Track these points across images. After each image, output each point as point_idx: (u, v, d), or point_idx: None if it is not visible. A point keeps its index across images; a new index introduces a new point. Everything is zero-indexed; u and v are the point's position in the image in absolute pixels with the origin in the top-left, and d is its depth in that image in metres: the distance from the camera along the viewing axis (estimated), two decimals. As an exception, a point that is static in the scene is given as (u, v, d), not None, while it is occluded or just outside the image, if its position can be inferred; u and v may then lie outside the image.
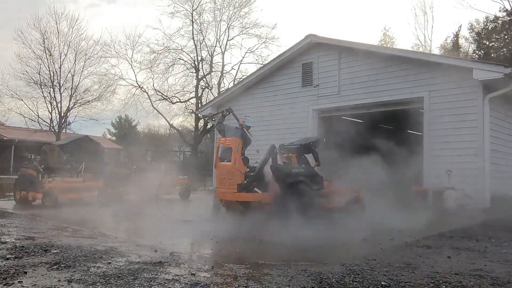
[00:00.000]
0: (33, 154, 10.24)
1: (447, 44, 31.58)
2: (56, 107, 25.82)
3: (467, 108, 9.03)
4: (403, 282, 3.14)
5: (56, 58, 25.65)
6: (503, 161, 9.59)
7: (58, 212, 7.84)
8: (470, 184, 8.72)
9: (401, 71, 10.09)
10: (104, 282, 3.04)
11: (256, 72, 13.29)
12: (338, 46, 11.19)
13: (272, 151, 6.31)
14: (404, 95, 10.01)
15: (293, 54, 12.02)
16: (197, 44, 27.23)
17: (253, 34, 27.79)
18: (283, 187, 6.04)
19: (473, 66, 8.86)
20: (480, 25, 30.48)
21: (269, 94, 12.69)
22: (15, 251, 4.12)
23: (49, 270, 3.38)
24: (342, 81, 11.10)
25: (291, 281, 3.12)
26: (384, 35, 33.55)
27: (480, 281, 3.23)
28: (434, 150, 9.45)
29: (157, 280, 3.11)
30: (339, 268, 3.54)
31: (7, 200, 10.60)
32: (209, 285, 3.05)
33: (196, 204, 10.36)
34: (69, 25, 26.45)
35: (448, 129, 9.24)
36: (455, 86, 9.21)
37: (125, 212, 8.02)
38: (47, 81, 25.39)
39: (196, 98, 27.75)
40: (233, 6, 27.35)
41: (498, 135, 9.39)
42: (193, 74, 27.91)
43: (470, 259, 4.06)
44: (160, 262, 3.70)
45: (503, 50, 29.44)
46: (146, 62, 27.94)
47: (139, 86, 27.93)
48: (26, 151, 22.52)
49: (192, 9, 26.95)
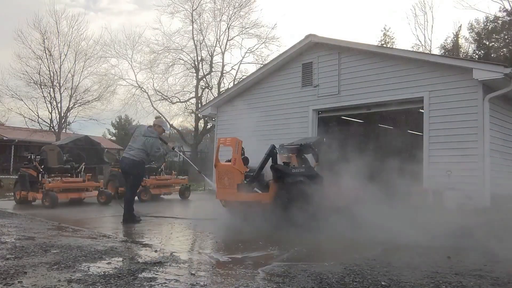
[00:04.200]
0: (33, 154, 10.20)
1: (447, 44, 31.58)
2: (56, 107, 25.85)
3: (467, 108, 9.03)
4: (403, 282, 3.14)
5: (56, 58, 25.68)
6: (503, 161, 9.59)
7: (58, 212, 7.84)
8: (470, 184, 8.72)
9: (401, 71, 10.09)
10: (104, 282, 3.04)
11: (256, 72, 13.29)
12: (338, 46, 11.19)
13: (272, 151, 6.31)
14: (404, 95, 10.01)
15: (293, 54, 12.02)
16: (197, 44, 27.24)
17: (253, 34, 27.81)
18: (283, 187, 6.04)
19: (473, 66, 8.86)
20: (480, 25, 30.49)
21: (269, 94, 12.69)
22: (15, 251, 4.12)
23: (49, 270, 3.38)
24: (342, 81, 11.10)
25: (291, 281, 3.12)
26: (384, 35, 33.54)
27: (480, 281, 3.23)
28: (434, 150, 9.45)
29: (157, 280, 3.11)
30: (339, 268, 3.54)
31: (7, 200, 10.60)
32: (209, 285, 3.05)
33: (197, 204, 10.38)
34: (69, 25, 26.50)
35: (448, 129, 9.24)
36: (455, 86, 9.22)
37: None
38: (47, 81, 25.42)
39: (196, 98, 27.75)
40: (233, 6, 27.37)
41: (498, 135, 9.38)
42: (193, 74, 27.92)
43: (470, 259, 4.06)
44: (160, 262, 3.70)
45: (503, 50, 29.43)
46: (146, 62, 27.97)
47: (139, 86, 27.94)
48: (26, 151, 22.48)
49: (192, 9, 26.97)
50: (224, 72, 28.44)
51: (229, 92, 13.89)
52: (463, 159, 8.95)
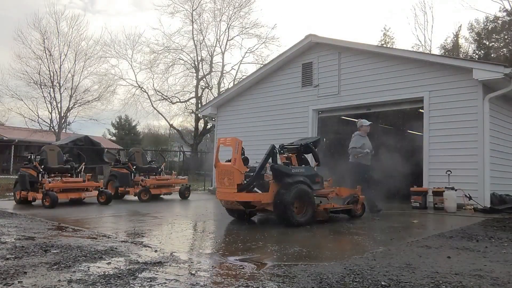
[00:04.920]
0: (33, 154, 10.20)
1: (447, 44, 31.61)
2: (56, 107, 25.88)
3: (467, 108, 9.04)
4: (403, 282, 3.14)
5: (56, 58, 25.72)
6: (503, 161, 9.59)
7: (58, 212, 7.84)
8: (470, 184, 8.73)
9: (401, 71, 10.10)
10: (104, 282, 3.04)
11: (256, 72, 13.29)
12: (338, 46, 11.20)
13: (272, 151, 6.31)
14: (404, 95, 10.02)
15: (293, 54, 12.02)
16: (197, 44, 27.27)
17: (253, 34, 27.86)
18: (283, 187, 6.05)
19: (473, 66, 8.87)
20: (480, 25, 30.51)
21: (269, 94, 12.70)
22: (15, 251, 4.12)
23: (49, 270, 3.38)
24: (342, 81, 11.11)
25: (291, 281, 3.12)
26: (384, 35, 33.59)
27: (480, 281, 3.23)
28: (434, 150, 9.45)
29: (157, 280, 3.11)
30: (339, 268, 3.54)
31: (7, 200, 10.60)
32: (209, 285, 3.05)
33: (197, 204, 10.37)
34: (69, 25, 26.49)
35: (448, 129, 9.25)
36: (455, 86, 9.22)
37: (125, 212, 8.02)
38: (47, 81, 25.45)
39: (196, 98, 27.77)
40: (233, 6, 27.42)
41: (498, 135, 9.39)
42: (193, 74, 27.95)
43: (470, 259, 4.06)
44: (160, 262, 3.70)
45: (503, 50, 29.45)
46: (146, 62, 28.04)
47: (139, 86, 27.98)
48: (26, 151, 22.49)
49: (192, 9, 27.01)
50: (224, 72, 28.50)
51: (229, 92, 13.89)
52: (463, 159, 8.96)
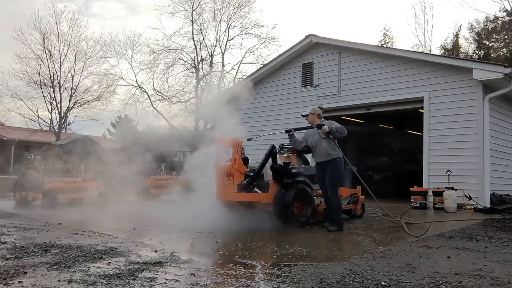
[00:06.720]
0: (33, 154, 10.20)
1: (447, 44, 31.63)
2: (56, 107, 25.84)
3: (467, 108, 9.04)
4: (403, 282, 3.14)
5: (56, 58, 25.68)
6: (503, 161, 9.59)
7: (58, 212, 7.83)
8: (470, 184, 8.73)
9: (401, 71, 10.10)
10: (104, 282, 3.04)
11: (256, 72, 13.30)
12: (338, 46, 11.20)
13: (272, 151, 6.31)
14: (404, 95, 10.02)
15: (293, 54, 12.03)
16: (197, 44, 27.25)
17: (253, 34, 27.83)
18: (283, 187, 6.04)
19: (473, 66, 8.87)
20: (480, 25, 30.53)
21: (269, 94, 12.70)
22: (15, 251, 4.12)
23: (49, 270, 3.38)
24: (342, 81, 11.11)
25: (291, 281, 3.12)
26: (384, 35, 33.63)
27: (480, 281, 3.23)
28: (434, 150, 9.46)
29: (157, 280, 3.11)
30: (339, 268, 3.54)
31: (7, 200, 10.59)
32: (209, 285, 3.05)
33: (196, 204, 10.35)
34: (69, 25, 26.50)
35: (448, 129, 9.25)
36: (455, 86, 9.23)
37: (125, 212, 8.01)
38: (47, 81, 25.42)
39: (196, 98, 27.75)
40: (233, 6, 27.39)
41: (498, 135, 9.39)
42: (193, 74, 27.93)
43: (470, 259, 4.06)
44: (160, 262, 3.69)
45: (503, 50, 29.47)
46: (146, 62, 28.02)
47: (139, 86, 27.95)
48: (26, 151, 22.49)
49: (192, 9, 26.98)
50: (224, 72, 28.46)
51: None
52: (463, 159, 8.96)
